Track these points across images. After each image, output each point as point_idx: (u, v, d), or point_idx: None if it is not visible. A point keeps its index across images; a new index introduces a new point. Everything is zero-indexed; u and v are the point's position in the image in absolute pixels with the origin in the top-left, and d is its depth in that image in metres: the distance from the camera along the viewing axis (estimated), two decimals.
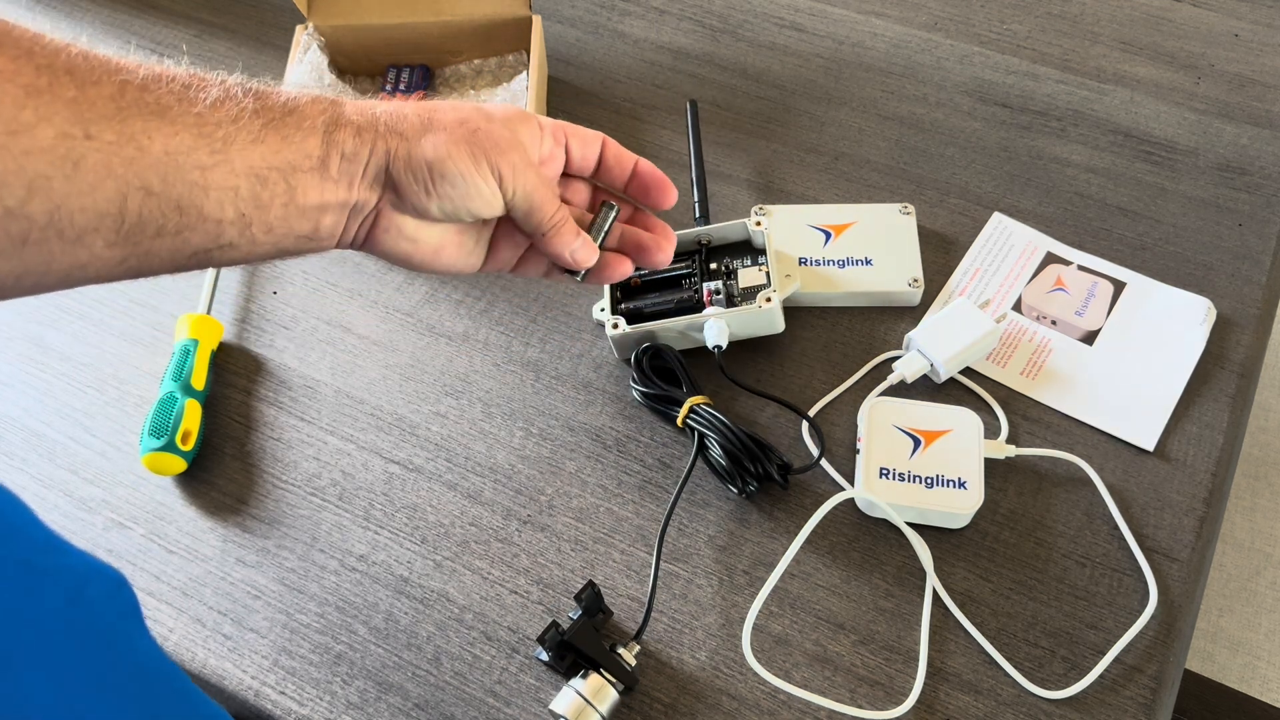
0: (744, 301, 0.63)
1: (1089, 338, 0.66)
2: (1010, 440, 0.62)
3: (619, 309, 0.64)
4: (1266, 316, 0.68)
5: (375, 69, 0.79)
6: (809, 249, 0.68)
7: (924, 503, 0.57)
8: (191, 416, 0.62)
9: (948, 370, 0.63)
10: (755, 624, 0.55)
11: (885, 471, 0.58)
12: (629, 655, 0.53)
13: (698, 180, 0.71)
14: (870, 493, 0.57)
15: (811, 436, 0.62)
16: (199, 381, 0.63)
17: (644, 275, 0.65)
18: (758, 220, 0.64)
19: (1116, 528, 0.58)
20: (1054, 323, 0.66)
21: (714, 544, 0.59)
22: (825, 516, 0.58)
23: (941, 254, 0.70)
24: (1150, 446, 0.61)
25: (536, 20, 0.76)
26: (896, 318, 0.67)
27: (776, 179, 0.75)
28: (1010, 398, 0.63)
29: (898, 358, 0.64)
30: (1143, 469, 0.61)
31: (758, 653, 0.55)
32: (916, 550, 0.57)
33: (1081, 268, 0.69)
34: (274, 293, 0.70)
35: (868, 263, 0.68)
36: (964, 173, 0.75)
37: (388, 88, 0.77)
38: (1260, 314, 0.67)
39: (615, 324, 0.63)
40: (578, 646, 0.52)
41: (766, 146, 0.77)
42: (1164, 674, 0.54)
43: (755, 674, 0.54)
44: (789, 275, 0.66)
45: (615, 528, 0.59)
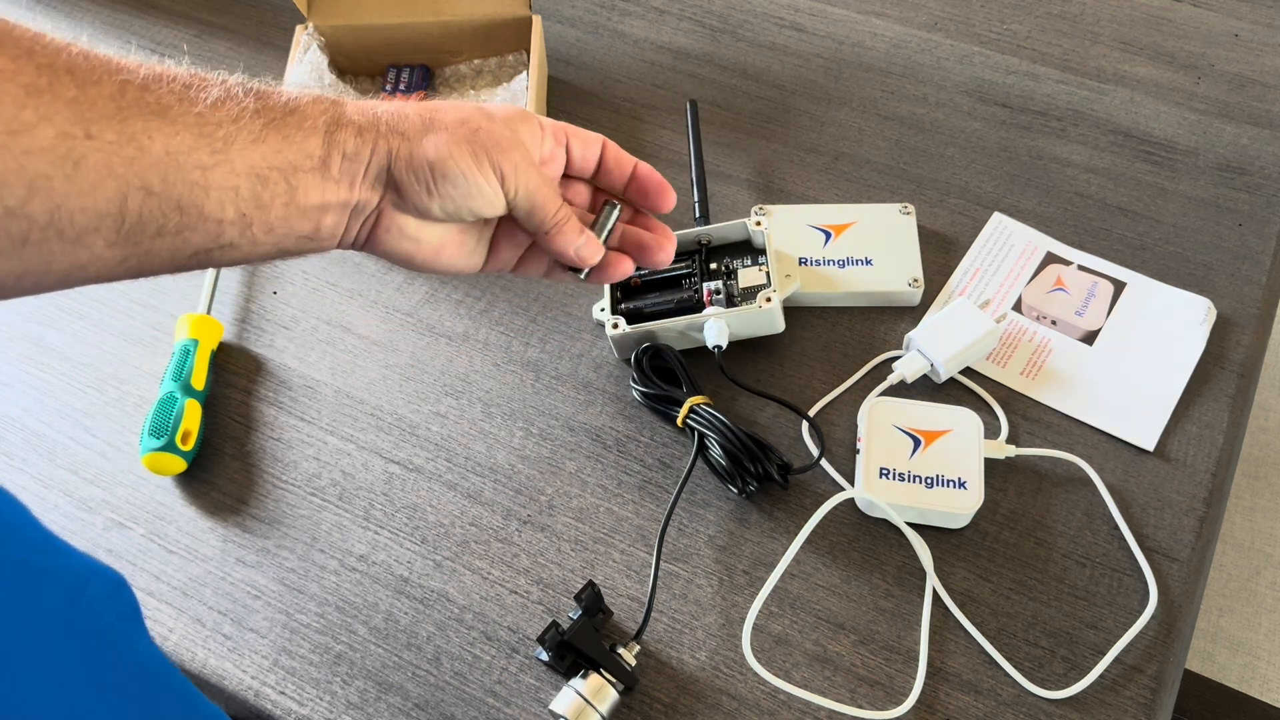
0: (744, 301, 0.63)
1: (1089, 338, 0.66)
2: (1010, 440, 0.62)
3: (619, 309, 0.64)
4: (1266, 316, 0.68)
5: (375, 69, 0.79)
6: (809, 249, 0.68)
7: (924, 503, 0.57)
8: (191, 416, 0.62)
9: (948, 370, 0.63)
10: (755, 624, 0.55)
11: (885, 471, 0.58)
12: (629, 655, 0.53)
13: (698, 180, 0.71)
14: (870, 493, 0.57)
15: (811, 436, 0.62)
16: (199, 381, 0.63)
17: (644, 275, 0.65)
18: (758, 220, 0.64)
19: (1116, 528, 0.58)
20: (1054, 323, 0.66)
21: (714, 544, 0.59)
22: (825, 516, 0.58)
23: (941, 254, 0.70)
24: (1150, 446, 0.61)
25: (536, 20, 0.76)
26: (896, 318, 0.67)
27: (776, 179, 0.75)
28: (1010, 398, 0.63)
29: (898, 358, 0.64)
30: (1143, 469, 0.61)
31: (758, 653, 0.55)
32: (916, 550, 0.57)
33: (1081, 268, 0.69)
34: (274, 293, 0.70)
35: (868, 263, 0.68)
36: (964, 173, 0.75)
37: (388, 88, 0.77)
38: (1260, 314, 0.67)
39: (615, 324, 0.63)
40: (578, 646, 0.52)
41: (766, 146, 0.77)
42: (1164, 674, 0.54)
43: (755, 674, 0.54)
44: (789, 275, 0.66)
45: (615, 528, 0.59)
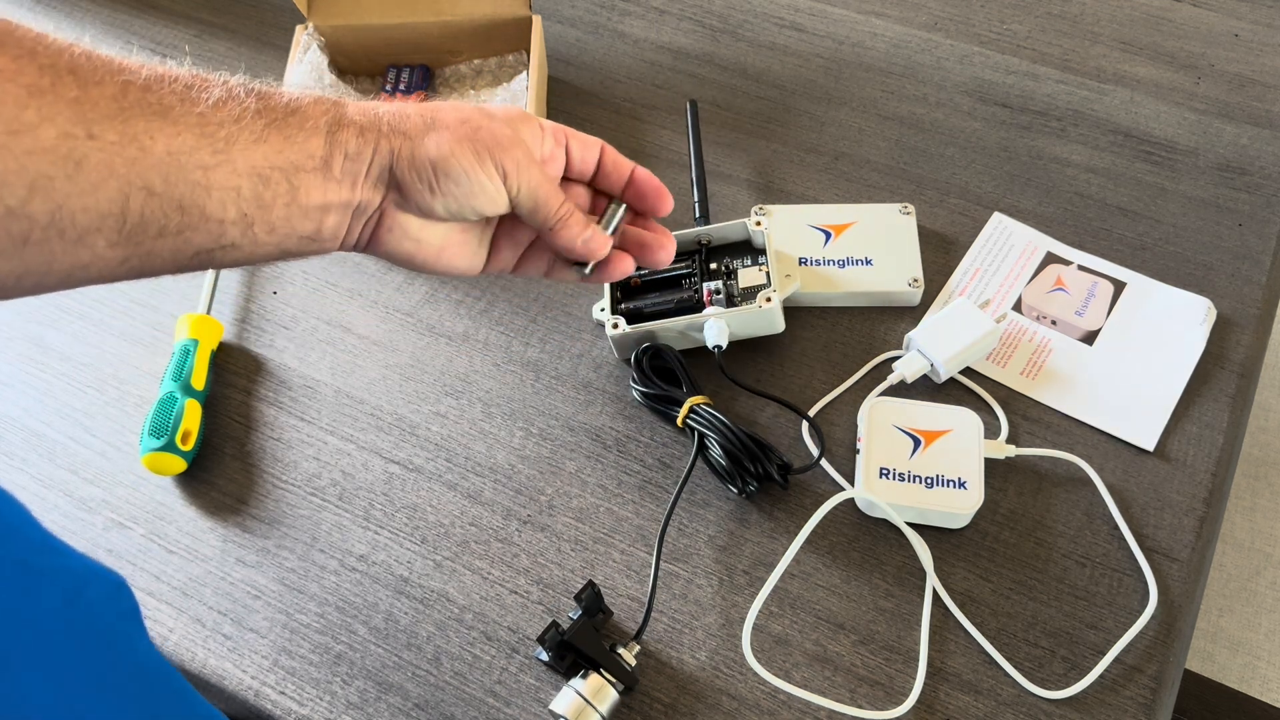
0: (744, 301, 0.63)
1: (1089, 338, 0.66)
2: (1010, 440, 0.62)
3: (619, 309, 0.64)
4: (1266, 316, 0.68)
5: (375, 69, 0.79)
6: (809, 249, 0.68)
7: (924, 503, 0.57)
8: (191, 416, 0.62)
9: (948, 370, 0.63)
10: (755, 624, 0.55)
11: (885, 471, 0.58)
12: (629, 655, 0.53)
13: (698, 180, 0.71)
14: (870, 493, 0.57)
15: (811, 436, 0.62)
16: (199, 381, 0.63)
17: (644, 275, 0.65)
18: (758, 220, 0.64)
19: (1116, 528, 0.58)
20: (1054, 323, 0.66)
21: (714, 544, 0.59)
22: (825, 516, 0.58)
23: (941, 254, 0.70)
24: (1150, 446, 0.61)
25: (536, 20, 0.76)
26: (896, 318, 0.67)
27: (776, 179, 0.75)
28: (1010, 398, 0.63)
29: (898, 358, 0.64)
30: (1143, 469, 0.61)
31: (758, 653, 0.55)
32: (916, 550, 0.57)
33: (1081, 268, 0.69)
34: (274, 293, 0.70)
35: (868, 263, 0.68)
36: (964, 173, 0.75)
37: (388, 88, 0.77)
38: (1260, 314, 0.67)
39: (615, 324, 0.63)
40: (578, 646, 0.52)
41: (766, 146, 0.77)
42: (1164, 674, 0.54)
43: (755, 674, 0.54)
44: (789, 275, 0.66)
45: (615, 528, 0.59)
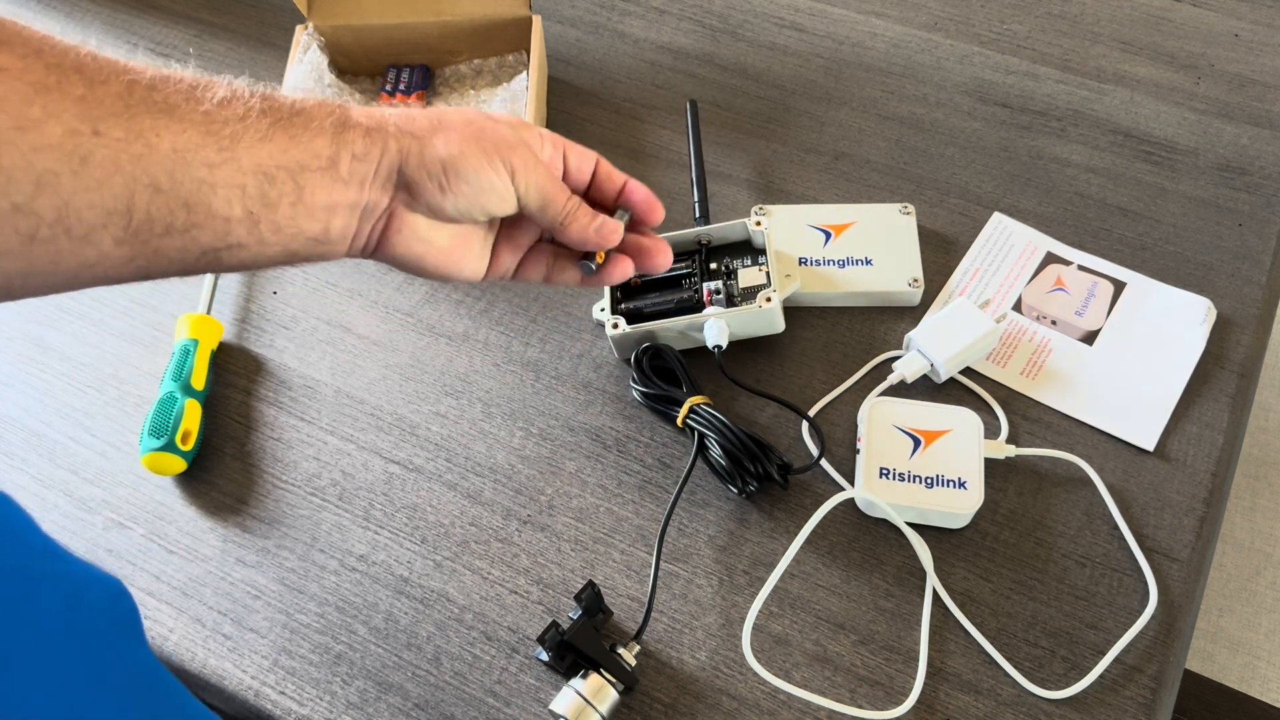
0: (744, 301, 0.63)
1: (1089, 338, 0.66)
2: (1010, 440, 0.62)
3: (619, 309, 0.64)
4: (1266, 316, 0.68)
5: (375, 69, 0.79)
6: (809, 249, 0.68)
7: (924, 503, 0.57)
8: (191, 416, 0.62)
9: (948, 370, 0.63)
10: (755, 624, 0.55)
11: (885, 471, 0.58)
12: (629, 655, 0.53)
13: (698, 180, 0.71)
14: (870, 493, 0.57)
15: (811, 436, 0.62)
16: (199, 381, 0.63)
17: (644, 275, 0.65)
18: (758, 220, 0.64)
19: (1116, 528, 0.58)
20: (1054, 323, 0.66)
21: (714, 544, 0.59)
22: (825, 516, 0.58)
23: (941, 254, 0.70)
24: (1150, 446, 0.61)
25: (536, 20, 0.76)
26: (896, 318, 0.67)
27: (776, 179, 0.75)
28: (1010, 398, 0.63)
29: (898, 358, 0.64)
30: (1143, 469, 0.61)
31: (758, 653, 0.55)
32: (916, 550, 0.57)
33: (1081, 268, 0.69)
34: (274, 293, 0.70)
35: (868, 263, 0.68)
36: (964, 173, 0.75)
37: (388, 88, 0.77)
38: (1260, 314, 0.67)
39: (615, 324, 0.63)
40: (578, 646, 0.52)
41: (766, 146, 0.77)
42: (1164, 674, 0.54)
43: (755, 674, 0.54)
44: (789, 275, 0.66)
45: (615, 528, 0.59)
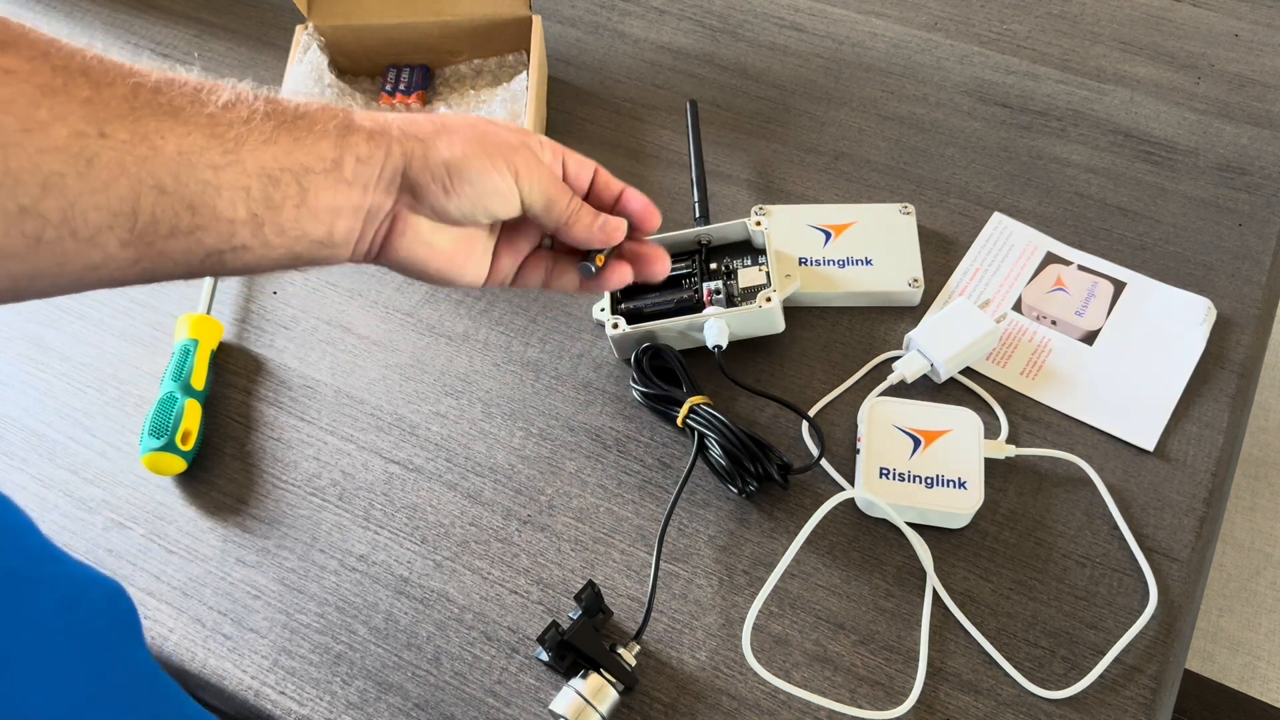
0: (744, 301, 0.63)
1: (1089, 338, 0.66)
2: (1010, 440, 0.62)
3: (619, 309, 0.64)
4: (1266, 316, 0.68)
5: (375, 69, 0.79)
6: (809, 249, 0.68)
7: (924, 503, 0.57)
8: (191, 416, 0.62)
9: (948, 370, 0.63)
10: (755, 624, 0.55)
11: (885, 471, 0.58)
12: (629, 655, 0.53)
13: (698, 180, 0.71)
14: (870, 493, 0.57)
15: (811, 436, 0.62)
16: (199, 381, 0.63)
17: (642, 282, 0.65)
18: (758, 220, 0.64)
19: (1116, 528, 0.58)
20: (1054, 323, 0.66)
21: (714, 544, 0.59)
22: (825, 516, 0.58)
23: (941, 254, 0.70)
24: (1150, 446, 0.61)
25: (536, 20, 0.76)
26: (896, 318, 0.67)
27: (776, 179, 0.75)
28: (1010, 398, 0.63)
29: (898, 358, 0.64)
30: (1143, 469, 0.61)
31: (758, 653, 0.55)
32: (916, 550, 0.57)
33: (1081, 268, 0.69)
34: (274, 293, 0.70)
35: (868, 263, 0.68)
36: (964, 173, 0.75)
37: (388, 88, 0.77)
38: (1260, 314, 0.67)
39: (615, 324, 0.63)
40: (578, 646, 0.52)
41: (766, 146, 0.77)
42: (1164, 674, 0.54)
43: (755, 674, 0.54)
44: (789, 275, 0.66)
45: (615, 528, 0.59)
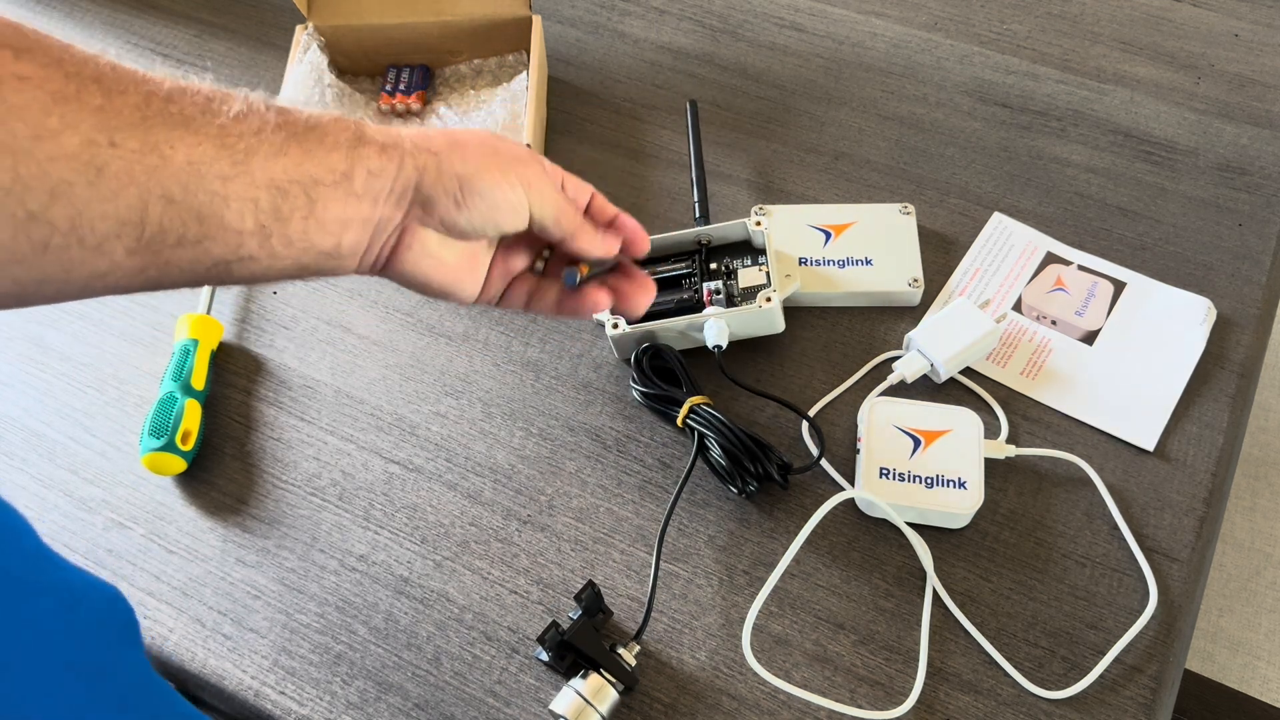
0: (744, 301, 0.63)
1: (1089, 338, 0.66)
2: (1010, 440, 0.62)
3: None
4: (1266, 316, 0.68)
5: (375, 69, 0.79)
6: (809, 249, 0.68)
7: (924, 503, 0.57)
8: (191, 416, 0.62)
9: (948, 370, 0.63)
10: (755, 624, 0.55)
11: (885, 471, 0.58)
12: (629, 655, 0.53)
13: (698, 180, 0.70)
14: (870, 493, 0.57)
15: (811, 436, 0.62)
16: (199, 381, 0.63)
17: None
18: (758, 220, 0.64)
19: (1116, 528, 0.58)
20: (1054, 323, 0.66)
21: (714, 544, 0.59)
22: (825, 516, 0.58)
23: (941, 254, 0.70)
24: (1150, 446, 0.61)
25: (536, 20, 0.76)
26: (896, 318, 0.67)
27: (776, 179, 0.75)
28: (1010, 398, 0.63)
29: (898, 358, 0.64)
30: (1143, 469, 0.61)
31: (758, 653, 0.55)
32: (916, 550, 0.57)
33: (1081, 268, 0.69)
34: (274, 293, 0.70)
35: (868, 263, 0.68)
36: (964, 173, 0.75)
37: (388, 88, 0.77)
38: (1260, 314, 0.67)
39: (615, 324, 0.63)
40: (578, 646, 0.52)
41: (766, 146, 0.77)
42: (1164, 674, 0.54)
43: (755, 674, 0.54)
44: (789, 275, 0.66)
45: (615, 528, 0.59)
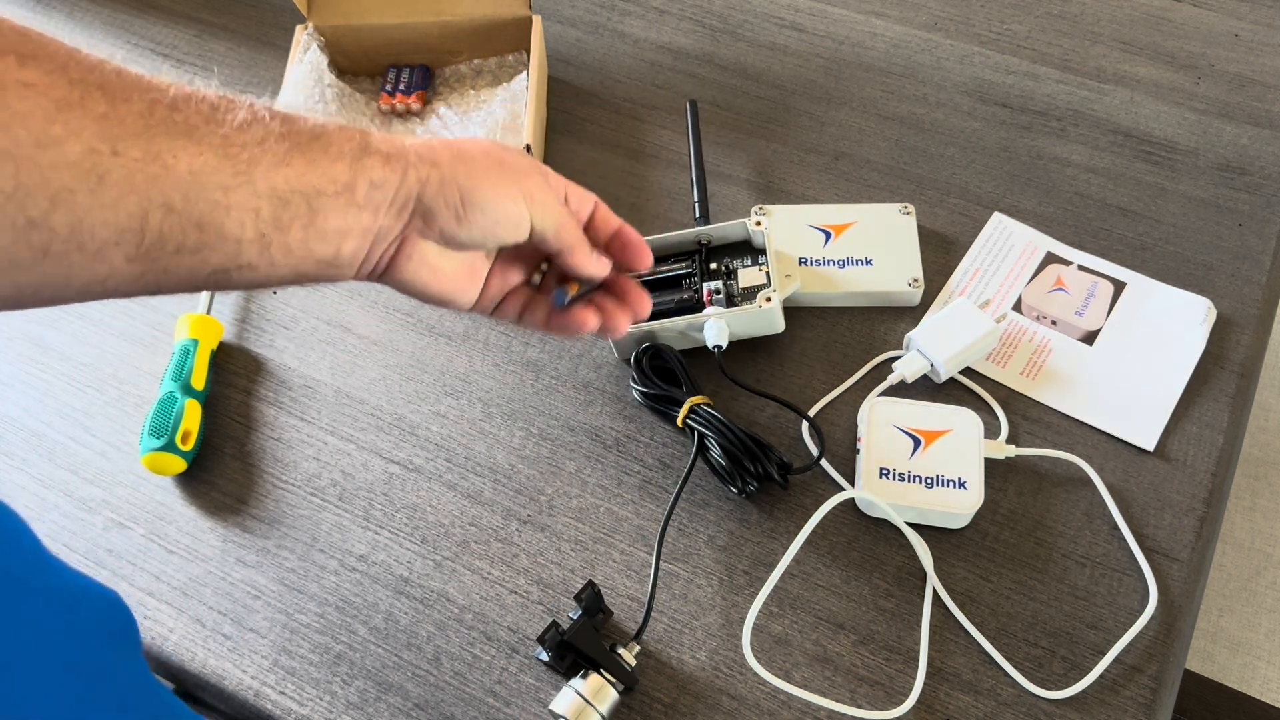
0: (744, 301, 0.63)
1: (1089, 338, 0.66)
2: (1010, 440, 0.62)
3: None
4: (1266, 316, 0.68)
5: (375, 69, 0.79)
6: (809, 249, 0.68)
7: (924, 503, 0.57)
8: (191, 416, 0.62)
9: (948, 370, 0.63)
10: (755, 624, 0.55)
11: (885, 471, 0.58)
12: (629, 655, 0.53)
13: (698, 180, 0.70)
14: (870, 493, 0.57)
15: (811, 436, 0.62)
16: (199, 381, 0.63)
17: (644, 275, 0.65)
18: (758, 220, 0.64)
19: (1116, 528, 0.58)
20: (1054, 323, 0.66)
21: (714, 544, 0.59)
22: (825, 516, 0.58)
23: (941, 254, 0.70)
24: (1150, 446, 0.61)
25: (536, 20, 0.76)
26: (896, 318, 0.67)
27: (776, 179, 0.75)
28: (1010, 398, 0.63)
29: (898, 358, 0.64)
30: (1143, 469, 0.61)
31: (758, 653, 0.55)
32: (916, 550, 0.57)
33: (1081, 268, 0.69)
34: (274, 293, 0.70)
35: (868, 263, 0.68)
36: (964, 173, 0.75)
37: (388, 88, 0.77)
38: (1260, 314, 0.67)
39: None
40: (578, 646, 0.52)
41: (766, 146, 0.77)
42: (1164, 674, 0.54)
43: (755, 674, 0.54)
44: (789, 275, 0.66)
45: (615, 528, 0.59)
